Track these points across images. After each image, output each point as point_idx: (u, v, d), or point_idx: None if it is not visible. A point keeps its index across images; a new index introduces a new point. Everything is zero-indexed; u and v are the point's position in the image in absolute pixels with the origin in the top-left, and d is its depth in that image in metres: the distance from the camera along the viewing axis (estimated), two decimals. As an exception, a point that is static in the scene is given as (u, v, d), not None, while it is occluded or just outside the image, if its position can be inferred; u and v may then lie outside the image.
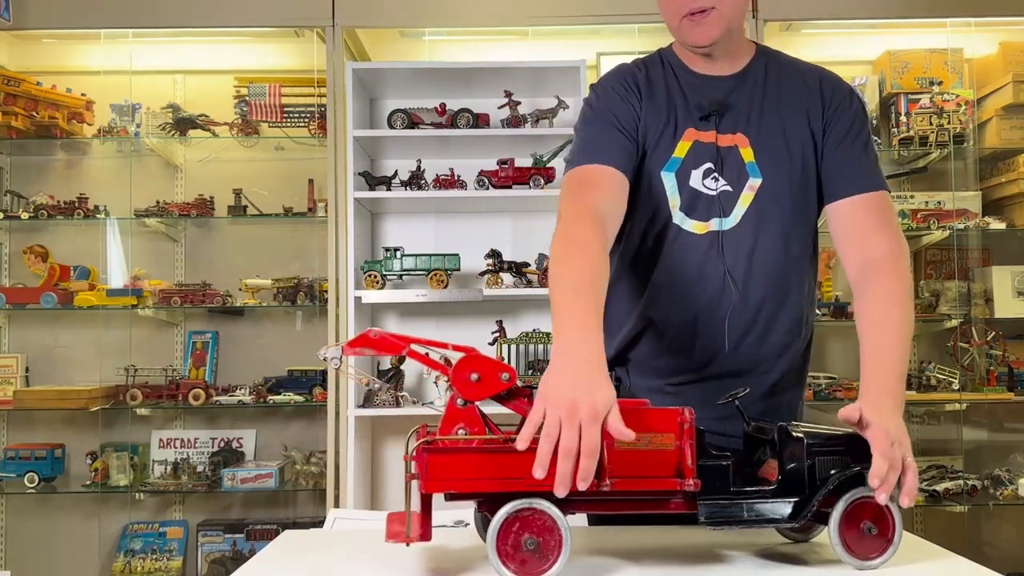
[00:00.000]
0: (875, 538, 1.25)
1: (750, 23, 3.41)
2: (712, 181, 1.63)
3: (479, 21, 3.61)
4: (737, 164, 1.63)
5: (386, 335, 1.27)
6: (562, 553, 1.18)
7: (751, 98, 1.66)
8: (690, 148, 1.63)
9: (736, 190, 1.62)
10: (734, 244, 1.61)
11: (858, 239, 1.60)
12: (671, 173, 1.63)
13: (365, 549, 1.43)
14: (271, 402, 3.58)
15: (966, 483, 3.50)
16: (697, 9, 1.58)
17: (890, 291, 1.53)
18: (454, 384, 1.23)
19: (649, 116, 1.66)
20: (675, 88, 1.68)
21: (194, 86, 3.90)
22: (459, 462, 1.19)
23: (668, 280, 1.64)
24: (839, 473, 1.26)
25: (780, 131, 1.64)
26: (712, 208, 1.62)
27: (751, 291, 1.62)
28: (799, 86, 1.68)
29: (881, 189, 1.63)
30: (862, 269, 1.57)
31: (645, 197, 1.65)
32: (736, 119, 1.65)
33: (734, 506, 1.26)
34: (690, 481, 1.21)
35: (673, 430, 1.22)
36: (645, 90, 1.67)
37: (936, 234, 3.64)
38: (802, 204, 1.65)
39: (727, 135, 1.64)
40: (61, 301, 3.60)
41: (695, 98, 1.66)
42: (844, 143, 1.64)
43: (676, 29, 1.64)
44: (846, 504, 1.24)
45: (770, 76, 1.69)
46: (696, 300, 1.62)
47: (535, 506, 1.18)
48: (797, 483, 1.27)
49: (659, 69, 1.71)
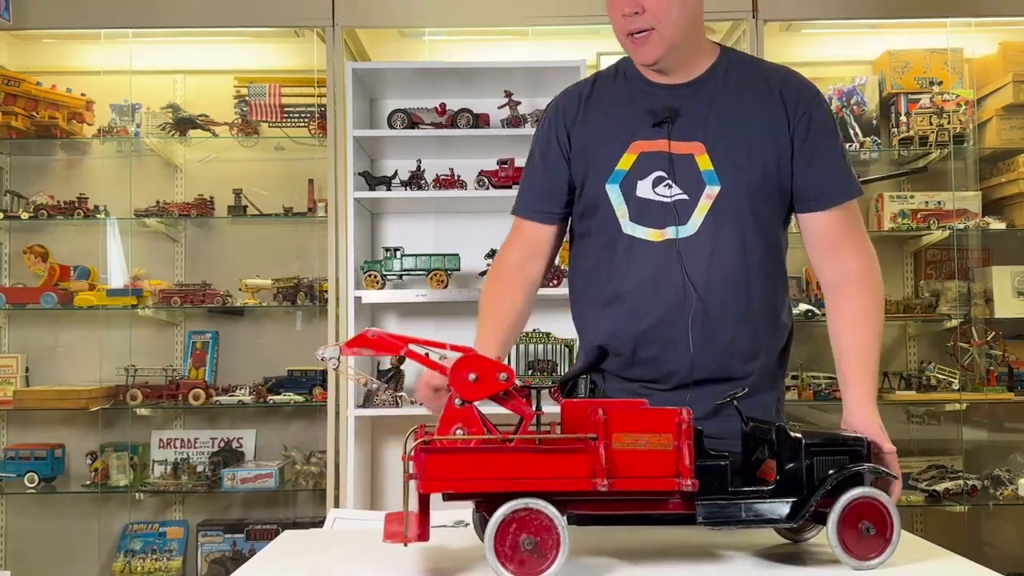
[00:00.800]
0: (873, 538, 1.26)
1: (750, 23, 3.42)
2: (665, 188, 1.63)
3: (479, 21, 3.61)
4: (693, 172, 1.63)
5: (384, 335, 1.28)
6: (560, 552, 1.18)
7: (709, 104, 1.66)
8: (636, 160, 1.65)
9: (693, 198, 1.62)
10: (693, 252, 1.62)
11: (832, 251, 1.65)
12: (615, 185, 1.65)
13: (365, 549, 1.43)
14: (271, 402, 3.57)
15: (966, 483, 3.50)
16: (636, 30, 1.61)
17: (861, 307, 1.61)
18: (452, 384, 1.24)
19: (584, 133, 1.71)
20: (624, 96, 1.71)
21: (194, 86, 3.89)
22: (457, 462, 1.20)
23: (628, 289, 1.65)
24: (837, 473, 1.27)
25: (741, 138, 1.64)
26: (667, 216, 1.62)
27: (712, 298, 1.62)
28: (761, 91, 1.67)
29: (851, 198, 1.66)
30: (837, 281, 1.64)
31: (594, 211, 1.69)
32: (692, 126, 1.64)
33: (732, 506, 1.26)
34: (688, 481, 1.22)
35: (671, 430, 1.22)
36: (581, 114, 1.72)
37: (936, 234, 3.64)
38: (763, 210, 1.65)
39: (682, 142, 1.64)
40: (61, 301, 3.60)
41: (646, 107, 1.67)
42: (812, 152, 1.65)
43: (623, 45, 1.67)
44: (844, 504, 1.24)
45: (731, 81, 1.68)
46: (657, 309, 1.62)
47: (532, 506, 1.18)
48: (795, 483, 1.27)
49: (609, 83, 1.75)
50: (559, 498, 1.20)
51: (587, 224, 1.72)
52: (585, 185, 1.69)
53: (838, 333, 1.61)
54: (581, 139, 1.70)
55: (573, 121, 1.72)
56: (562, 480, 1.20)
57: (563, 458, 1.20)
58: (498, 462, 1.20)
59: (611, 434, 1.20)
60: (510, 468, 1.19)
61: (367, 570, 1.34)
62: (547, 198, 1.75)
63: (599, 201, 1.66)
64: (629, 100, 1.69)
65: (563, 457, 1.20)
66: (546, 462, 1.20)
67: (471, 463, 1.20)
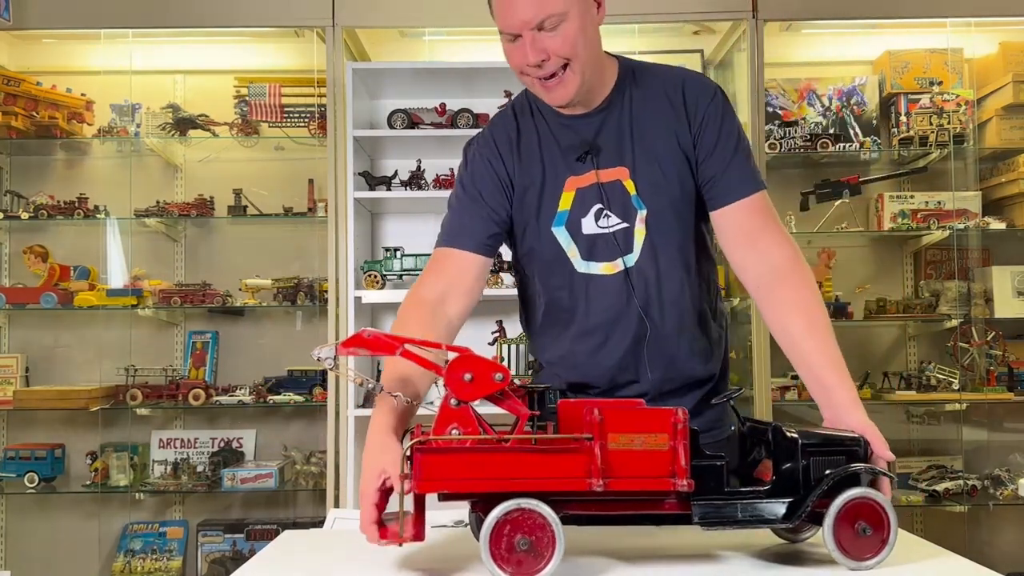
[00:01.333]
0: (870, 538, 1.25)
1: (750, 23, 3.42)
2: (605, 220, 1.63)
3: (479, 21, 3.57)
4: (623, 198, 1.62)
5: (380, 335, 1.27)
6: (556, 552, 1.17)
7: (620, 128, 1.65)
8: (574, 196, 1.63)
9: (631, 224, 1.62)
10: (642, 277, 1.62)
11: (748, 245, 1.62)
12: (561, 227, 1.63)
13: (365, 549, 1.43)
14: (271, 402, 3.57)
15: (966, 483, 3.50)
16: (546, 76, 1.55)
17: (804, 298, 1.55)
18: (447, 384, 1.24)
19: (524, 175, 1.66)
20: (547, 135, 1.68)
21: (194, 86, 3.89)
22: (452, 462, 1.19)
23: (595, 325, 1.64)
24: (834, 473, 1.26)
25: (654, 157, 1.63)
26: (614, 247, 1.62)
27: (665, 319, 1.63)
28: (662, 102, 1.65)
29: (759, 190, 1.64)
30: (766, 275, 1.59)
31: (541, 254, 1.66)
32: (613, 153, 1.64)
33: (728, 506, 1.26)
34: (683, 481, 1.21)
35: (667, 430, 1.22)
36: (515, 149, 1.67)
37: (936, 234, 3.64)
38: (688, 219, 1.66)
39: (609, 170, 1.63)
40: (61, 301, 3.60)
41: (567, 141, 1.65)
42: (716, 152, 1.63)
43: (534, 89, 1.61)
44: (840, 505, 1.24)
45: (635, 100, 1.66)
46: (625, 340, 1.62)
47: (526, 507, 1.18)
48: (792, 483, 1.27)
49: (529, 119, 1.71)
50: (555, 498, 1.20)
51: (534, 267, 1.69)
52: (528, 229, 1.66)
53: (789, 330, 1.55)
54: (522, 181, 1.66)
55: (511, 161, 1.67)
56: (557, 480, 1.19)
57: (558, 458, 1.20)
58: (493, 462, 1.19)
59: (607, 434, 1.20)
60: (505, 468, 1.19)
61: (367, 570, 1.34)
62: (483, 227, 1.66)
63: (547, 245, 1.64)
64: (551, 136, 1.67)
65: (558, 457, 1.20)
66: (541, 462, 1.19)
67: (466, 463, 1.19)
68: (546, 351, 1.74)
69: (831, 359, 1.50)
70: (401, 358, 1.29)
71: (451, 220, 1.69)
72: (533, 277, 1.71)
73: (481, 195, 1.66)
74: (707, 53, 3.83)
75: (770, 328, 1.61)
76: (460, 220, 1.67)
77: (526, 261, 1.72)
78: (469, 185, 1.69)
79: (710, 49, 3.83)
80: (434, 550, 1.36)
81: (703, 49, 3.83)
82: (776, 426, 1.31)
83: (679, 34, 3.82)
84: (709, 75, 3.87)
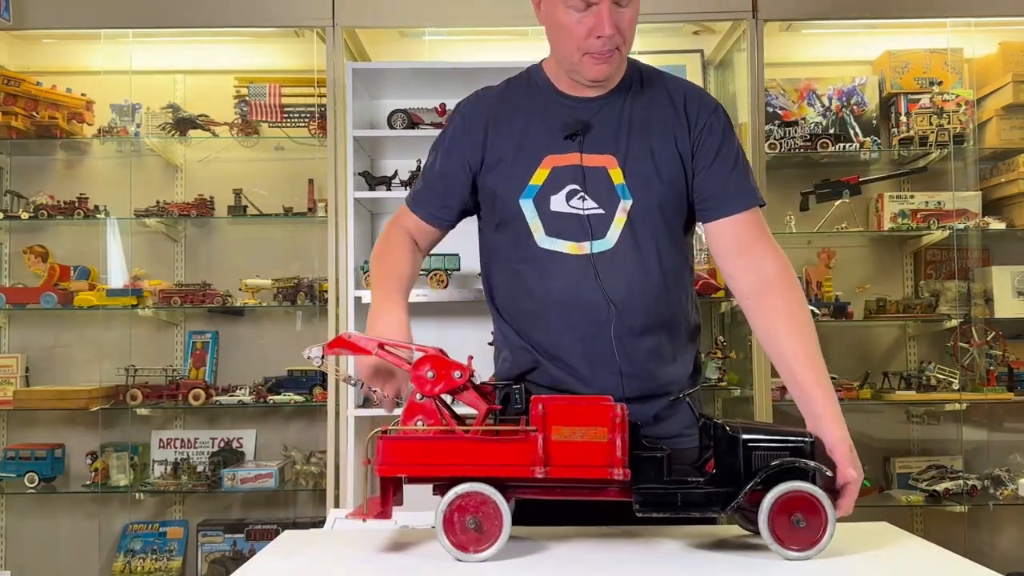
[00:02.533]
0: (805, 530, 1.31)
1: (750, 23, 3.42)
2: (579, 201, 1.63)
3: (479, 21, 3.61)
4: (606, 185, 1.63)
5: (359, 337, 1.46)
6: (503, 531, 1.31)
7: (619, 118, 1.67)
8: (548, 174, 1.64)
9: (608, 212, 1.63)
10: (613, 267, 1.62)
11: (741, 255, 1.64)
12: (529, 200, 1.65)
13: (365, 549, 1.43)
14: (271, 402, 3.57)
15: (966, 483, 3.50)
16: (606, 50, 1.58)
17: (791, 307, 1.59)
18: (412, 380, 1.39)
19: (498, 146, 1.69)
20: (538, 110, 1.69)
21: (194, 86, 3.89)
22: (411, 449, 1.35)
23: (552, 302, 1.64)
24: (770, 467, 1.32)
25: (648, 153, 1.65)
26: (583, 230, 1.63)
27: (634, 312, 1.62)
28: (665, 107, 1.68)
29: (755, 205, 1.66)
30: (756, 286, 1.62)
31: (508, 225, 1.68)
32: (604, 140, 1.65)
33: (668, 494, 1.34)
34: (620, 470, 1.31)
35: (606, 424, 1.32)
36: (494, 121, 1.70)
37: (936, 234, 3.64)
38: (674, 222, 1.68)
39: (594, 155, 1.64)
40: (61, 301, 3.60)
41: (559, 119, 1.67)
42: (715, 164, 1.65)
43: (574, 63, 1.62)
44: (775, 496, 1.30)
45: (638, 96, 1.69)
46: (579, 324, 1.63)
47: (477, 490, 1.31)
48: (732, 475, 1.34)
49: (522, 91, 1.74)
50: (506, 484, 1.33)
51: (502, 238, 1.71)
52: (497, 199, 1.68)
53: (776, 340, 1.58)
54: (494, 152, 1.69)
55: (484, 132, 1.70)
56: (505, 468, 1.33)
57: (506, 447, 1.33)
58: (448, 449, 1.34)
59: (550, 427, 1.32)
60: (458, 456, 1.33)
61: (367, 570, 1.34)
62: (443, 203, 1.76)
63: (513, 216, 1.66)
64: (543, 112, 1.69)
65: (506, 446, 1.33)
66: (491, 451, 1.33)
67: (424, 450, 1.35)
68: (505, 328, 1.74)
69: (814, 368, 1.53)
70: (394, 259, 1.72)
71: (420, 189, 1.80)
72: (498, 250, 1.73)
73: (448, 172, 1.74)
74: (707, 53, 3.83)
75: (757, 335, 1.65)
76: (428, 191, 1.78)
77: (495, 234, 1.74)
78: (440, 150, 1.77)
79: (710, 49, 3.83)
80: (433, 550, 1.36)
81: (703, 49, 3.83)
82: (717, 422, 1.39)
83: (679, 34, 3.82)
84: (709, 75, 3.89)
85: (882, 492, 3.69)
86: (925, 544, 1.44)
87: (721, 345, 3.58)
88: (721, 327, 3.76)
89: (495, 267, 1.76)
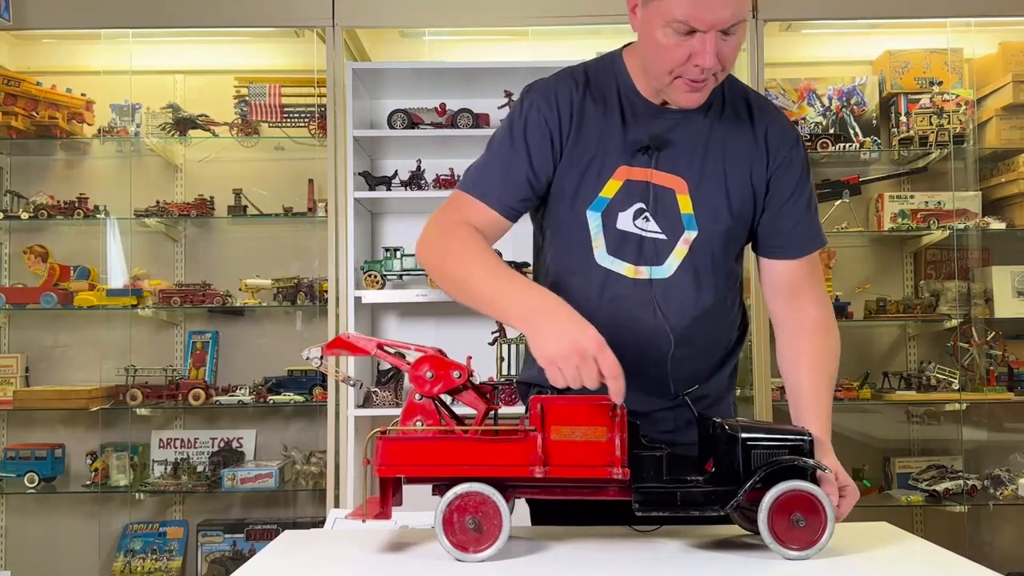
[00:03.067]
0: (805, 529, 1.31)
1: (750, 23, 3.42)
2: (643, 222, 1.56)
3: (479, 21, 3.61)
4: (673, 211, 1.56)
5: (358, 337, 1.44)
6: (502, 531, 1.30)
7: (695, 138, 1.57)
8: (620, 187, 1.55)
9: (671, 239, 1.56)
10: (668, 294, 1.56)
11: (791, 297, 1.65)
12: (597, 213, 1.56)
13: (365, 549, 1.43)
14: (271, 402, 3.57)
15: (966, 483, 3.50)
16: (702, 80, 1.48)
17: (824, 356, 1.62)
18: (411, 380, 1.37)
19: (576, 148, 1.57)
20: (615, 114, 1.58)
21: (194, 86, 3.89)
22: (410, 450, 1.34)
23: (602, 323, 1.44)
24: (768, 465, 1.32)
25: (722, 180, 1.57)
26: (644, 252, 1.56)
27: (688, 341, 1.58)
28: (745, 132, 1.60)
29: (817, 249, 1.65)
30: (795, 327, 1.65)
31: (567, 232, 1.60)
32: (676, 158, 1.56)
33: (667, 494, 1.34)
34: (619, 470, 1.31)
35: (605, 423, 1.32)
36: (577, 116, 1.57)
37: (936, 234, 3.64)
38: (733, 251, 1.65)
39: (664, 174, 1.55)
40: (61, 301, 3.60)
41: (635, 129, 1.56)
42: (788, 203, 1.61)
43: (665, 84, 1.51)
44: (774, 496, 1.31)
45: (719, 115, 1.60)
46: (633, 348, 1.48)
47: (476, 490, 1.31)
48: (731, 474, 1.34)
49: (602, 87, 1.60)
50: (506, 484, 1.33)
51: (556, 242, 1.62)
52: (562, 202, 1.58)
53: (796, 372, 1.61)
54: (575, 150, 1.56)
55: (570, 124, 1.57)
56: (505, 468, 1.32)
57: (505, 447, 1.32)
58: (447, 450, 1.33)
59: (549, 426, 1.32)
60: (458, 456, 1.32)
61: (367, 570, 1.34)
62: (519, 192, 1.58)
63: (575, 224, 1.57)
64: (622, 115, 1.58)
65: (505, 446, 1.32)
66: (490, 451, 1.32)
67: (423, 451, 1.34)
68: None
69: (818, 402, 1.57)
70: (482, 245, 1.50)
71: (489, 173, 1.59)
72: (551, 253, 1.64)
73: (528, 148, 1.56)
74: (707, 53, 3.83)
75: (779, 361, 1.67)
76: (495, 170, 1.59)
77: (550, 230, 1.64)
78: (519, 134, 1.57)
79: (710, 49, 3.82)
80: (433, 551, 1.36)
81: (703, 49, 3.82)
82: (715, 421, 1.39)
83: (679, 34, 3.82)
84: (709, 75, 3.87)
85: (882, 492, 3.69)
86: (925, 544, 1.44)
87: (721, 345, 3.57)
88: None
89: (544, 270, 1.68)
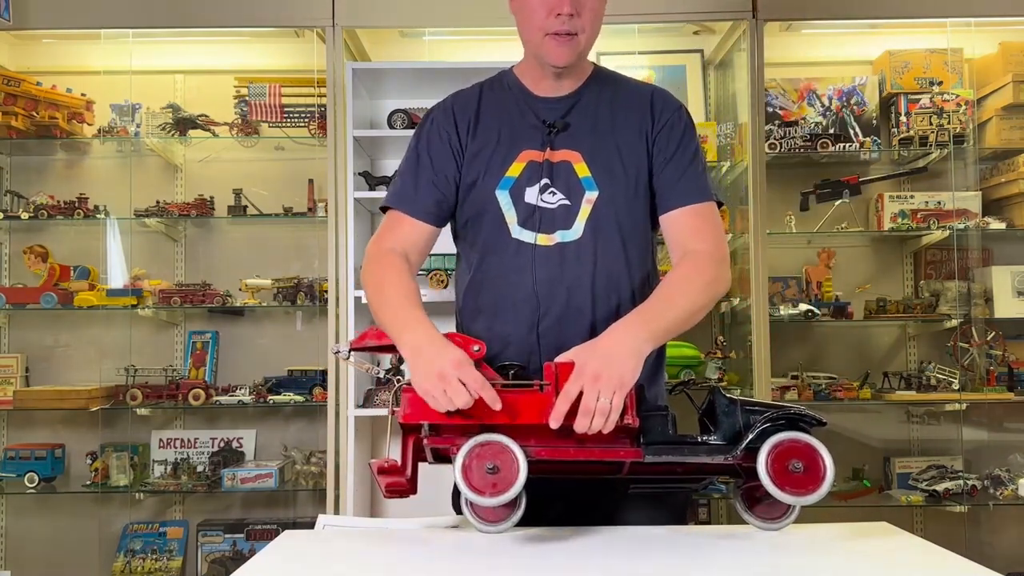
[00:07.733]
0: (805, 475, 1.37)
1: (750, 23, 3.42)
2: (550, 195, 1.70)
3: (479, 21, 3.61)
4: (571, 178, 1.70)
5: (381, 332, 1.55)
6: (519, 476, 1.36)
7: (585, 117, 1.75)
8: (524, 167, 1.71)
9: (575, 204, 1.70)
10: (579, 255, 1.68)
11: (682, 240, 1.71)
12: (505, 191, 1.71)
13: (364, 549, 1.43)
14: (271, 402, 3.57)
15: (966, 483, 3.50)
16: (565, 31, 1.67)
17: (687, 274, 1.66)
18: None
19: (478, 143, 1.75)
20: (512, 108, 1.77)
21: (194, 86, 3.89)
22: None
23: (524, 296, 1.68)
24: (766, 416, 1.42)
25: (614, 148, 1.72)
26: (556, 220, 1.69)
27: (600, 298, 1.68)
28: (632, 106, 1.76)
29: (707, 200, 1.72)
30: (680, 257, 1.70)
31: (484, 216, 1.73)
32: (570, 137, 1.73)
33: (675, 448, 1.43)
34: (629, 417, 1.41)
35: None
36: (474, 120, 1.77)
37: (936, 234, 3.64)
38: (638, 215, 1.74)
39: (560, 151, 1.72)
40: (61, 301, 3.60)
41: (533, 117, 1.75)
42: (673, 159, 1.73)
43: (538, 45, 1.71)
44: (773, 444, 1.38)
45: (603, 97, 1.77)
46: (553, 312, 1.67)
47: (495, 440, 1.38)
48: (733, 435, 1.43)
49: (496, 92, 1.82)
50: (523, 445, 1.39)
51: (473, 231, 1.76)
52: (473, 190, 1.74)
53: (666, 277, 1.68)
54: (476, 144, 1.75)
55: (467, 126, 1.76)
56: (523, 417, 1.41)
57: (524, 397, 1.42)
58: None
59: (562, 382, 1.41)
60: (479, 405, 1.40)
61: (366, 570, 1.34)
62: (430, 194, 1.76)
63: (487, 206, 1.72)
64: (516, 110, 1.77)
65: (524, 397, 1.42)
66: (510, 401, 1.41)
67: None
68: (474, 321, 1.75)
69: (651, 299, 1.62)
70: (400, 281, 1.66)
71: (404, 186, 1.78)
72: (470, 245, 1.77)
73: (431, 161, 1.76)
74: (707, 53, 3.84)
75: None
76: (415, 188, 1.77)
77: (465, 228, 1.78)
78: (423, 148, 1.78)
79: (710, 49, 3.83)
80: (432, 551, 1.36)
81: (703, 49, 3.83)
82: (715, 388, 1.48)
83: (679, 34, 3.83)
84: (709, 75, 3.89)
85: (882, 492, 3.69)
86: (925, 544, 1.45)
87: (721, 345, 3.58)
88: (721, 327, 3.76)
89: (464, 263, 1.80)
